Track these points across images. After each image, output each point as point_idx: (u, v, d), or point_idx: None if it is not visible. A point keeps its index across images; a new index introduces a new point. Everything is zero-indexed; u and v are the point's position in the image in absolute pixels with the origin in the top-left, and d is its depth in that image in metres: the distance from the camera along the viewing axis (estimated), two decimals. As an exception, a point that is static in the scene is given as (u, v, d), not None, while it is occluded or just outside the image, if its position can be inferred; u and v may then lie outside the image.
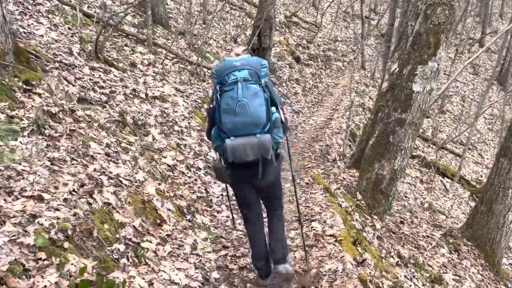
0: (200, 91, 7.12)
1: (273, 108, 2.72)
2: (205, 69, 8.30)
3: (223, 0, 13.34)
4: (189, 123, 5.77)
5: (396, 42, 5.13)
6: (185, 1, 11.22)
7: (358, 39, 15.35)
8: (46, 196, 2.78)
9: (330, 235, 3.50)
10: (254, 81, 2.64)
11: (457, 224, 7.97)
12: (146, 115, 5.23)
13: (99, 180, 3.31)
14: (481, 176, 12.22)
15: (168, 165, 4.41)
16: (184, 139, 5.28)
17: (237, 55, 2.95)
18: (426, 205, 7.88)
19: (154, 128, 5.03)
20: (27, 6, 6.25)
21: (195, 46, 8.92)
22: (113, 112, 4.80)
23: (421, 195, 8.48)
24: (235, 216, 3.91)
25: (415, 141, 4.68)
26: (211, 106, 2.71)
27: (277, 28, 13.87)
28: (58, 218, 2.62)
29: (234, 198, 3.23)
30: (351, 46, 17.09)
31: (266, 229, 3.03)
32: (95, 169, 3.44)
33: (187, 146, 5.14)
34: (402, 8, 5.16)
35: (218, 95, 2.64)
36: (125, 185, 3.53)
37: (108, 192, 3.23)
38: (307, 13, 17.28)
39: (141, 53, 7.31)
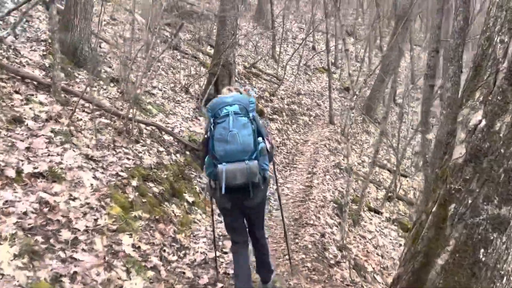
0: (129, 158, 4.57)
1: (260, 138, 2.98)
2: (142, 126, 5.81)
3: (172, 48, 11.21)
4: (95, 220, 3.15)
5: (448, 74, 2.96)
6: (124, 45, 8.89)
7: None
8: None
9: None
10: (243, 114, 2.90)
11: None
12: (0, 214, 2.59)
13: None
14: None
15: None
16: (75, 260, 2.65)
17: (230, 90, 3.28)
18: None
19: (9, 245, 2.39)
20: None
21: (131, 95, 6.47)
22: None
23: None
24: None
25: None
26: (206, 136, 2.98)
27: (237, 79, 11.81)
28: None
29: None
30: (316, 99, 15.37)
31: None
32: None
33: (79, 277, 2.50)
34: (455, 23, 3.06)
35: (212, 126, 2.91)
36: None
37: None
38: (267, 65, 15.54)
39: (40, 103, 4.74)
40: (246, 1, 19.13)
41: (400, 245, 7.13)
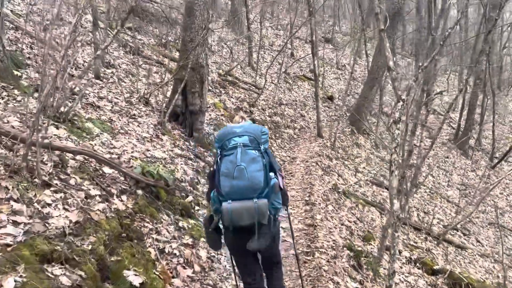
0: (17, 222, 2.47)
1: (272, 174, 2.64)
2: (69, 156, 3.72)
3: (132, 52, 9.16)
4: None
5: None
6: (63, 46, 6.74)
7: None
8: None
9: None
10: (253, 147, 2.61)
11: None
12: None
13: None
14: (499, 277, 8.48)
15: None
16: None
17: (243, 118, 3.13)
18: None
19: None
20: None
21: (59, 109, 4.34)
22: None
23: None
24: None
25: None
26: (212, 169, 2.73)
27: (210, 88, 9.84)
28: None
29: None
30: (299, 110, 13.54)
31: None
32: None
33: None
34: None
35: (218, 159, 2.64)
36: None
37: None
38: (244, 73, 13.64)
39: None
40: (219, 6, 17.26)
41: (433, 299, 5.28)
